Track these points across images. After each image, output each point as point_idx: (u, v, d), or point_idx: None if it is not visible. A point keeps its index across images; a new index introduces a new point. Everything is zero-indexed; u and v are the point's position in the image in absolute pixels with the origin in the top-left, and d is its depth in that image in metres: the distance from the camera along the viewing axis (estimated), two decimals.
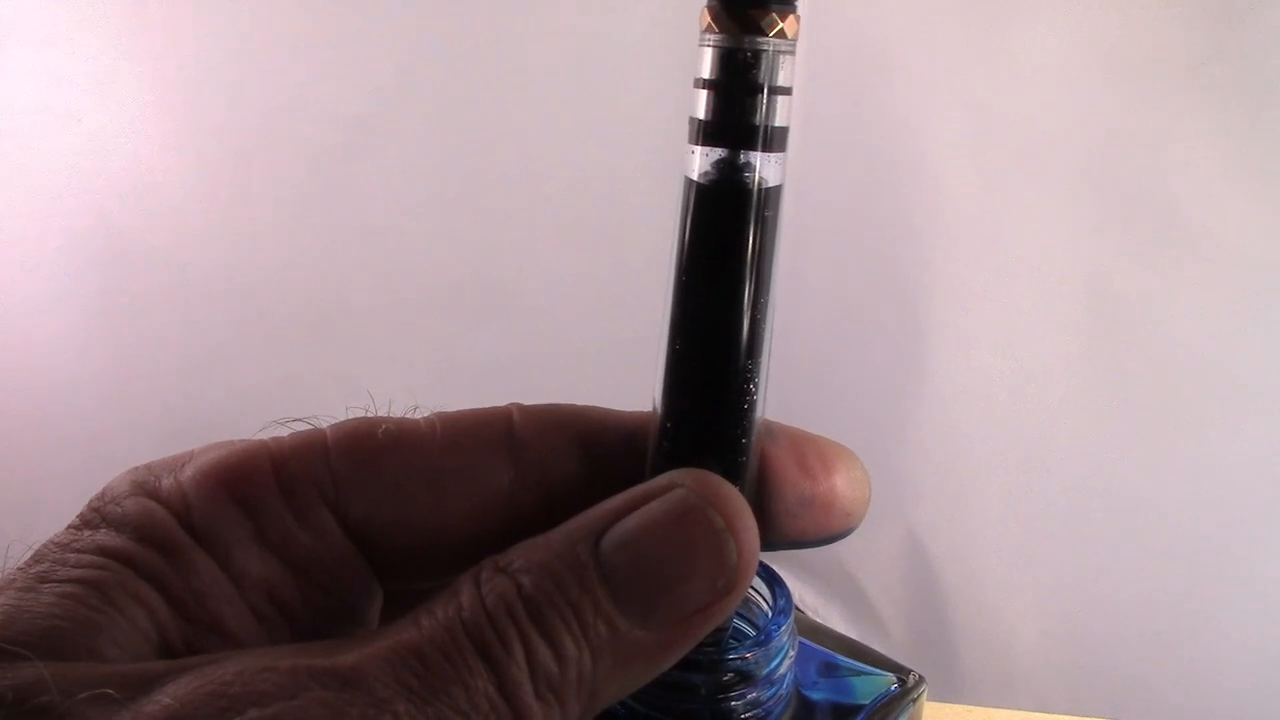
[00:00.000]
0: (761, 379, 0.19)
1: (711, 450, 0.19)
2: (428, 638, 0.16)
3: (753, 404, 0.19)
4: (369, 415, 0.20)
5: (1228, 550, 0.73)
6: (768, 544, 0.20)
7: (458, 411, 0.20)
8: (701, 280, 0.18)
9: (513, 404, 0.21)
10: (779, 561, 0.22)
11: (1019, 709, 0.44)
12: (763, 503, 0.20)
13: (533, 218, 1.05)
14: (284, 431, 0.20)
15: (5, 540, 0.19)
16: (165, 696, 0.15)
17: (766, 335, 0.18)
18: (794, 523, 0.20)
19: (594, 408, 0.21)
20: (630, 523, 0.17)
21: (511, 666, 0.16)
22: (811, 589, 1.15)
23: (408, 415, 0.21)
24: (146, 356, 0.93)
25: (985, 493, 0.92)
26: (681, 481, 0.18)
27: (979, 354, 0.89)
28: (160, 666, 0.16)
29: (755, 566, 0.18)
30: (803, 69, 1.00)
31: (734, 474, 0.19)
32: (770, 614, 0.22)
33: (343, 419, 0.20)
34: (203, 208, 0.90)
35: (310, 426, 0.20)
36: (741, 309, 0.18)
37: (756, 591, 0.23)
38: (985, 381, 0.89)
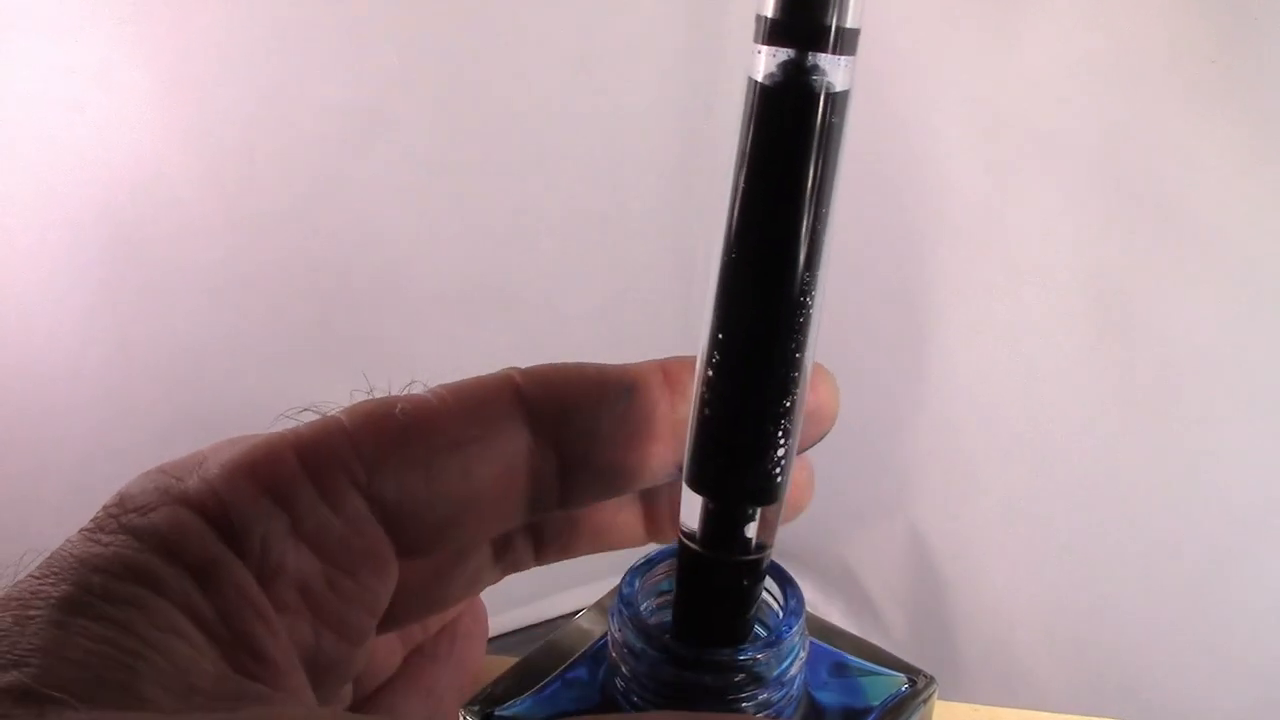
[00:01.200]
0: (819, 294, 0.18)
1: (765, 365, 0.18)
2: None
3: (809, 319, 0.18)
4: (377, 397, 0.20)
5: (1231, 548, 0.73)
6: None
7: (460, 382, 0.20)
8: (762, 186, 0.17)
9: (511, 368, 0.20)
10: (778, 555, 0.22)
11: (1020, 707, 0.44)
12: None
13: (538, 211, 1.05)
14: (292, 424, 0.19)
15: (7, 539, 0.19)
16: None
17: (826, 248, 0.18)
18: None
19: (589, 364, 0.21)
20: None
21: None
22: (813, 585, 1.15)
23: (410, 390, 0.20)
24: (149, 348, 0.93)
25: (988, 490, 0.92)
26: None
27: (983, 351, 0.89)
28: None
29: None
30: None
31: (787, 389, 0.18)
32: (782, 614, 0.22)
33: (348, 404, 0.20)
34: (206, 199, 0.90)
35: (319, 415, 0.20)
36: (802, 217, 0.17)
37: (768, 592, 0.23)
38: (989, 378, 0.89)
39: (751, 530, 0.19)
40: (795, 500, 0.20)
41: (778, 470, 0.19)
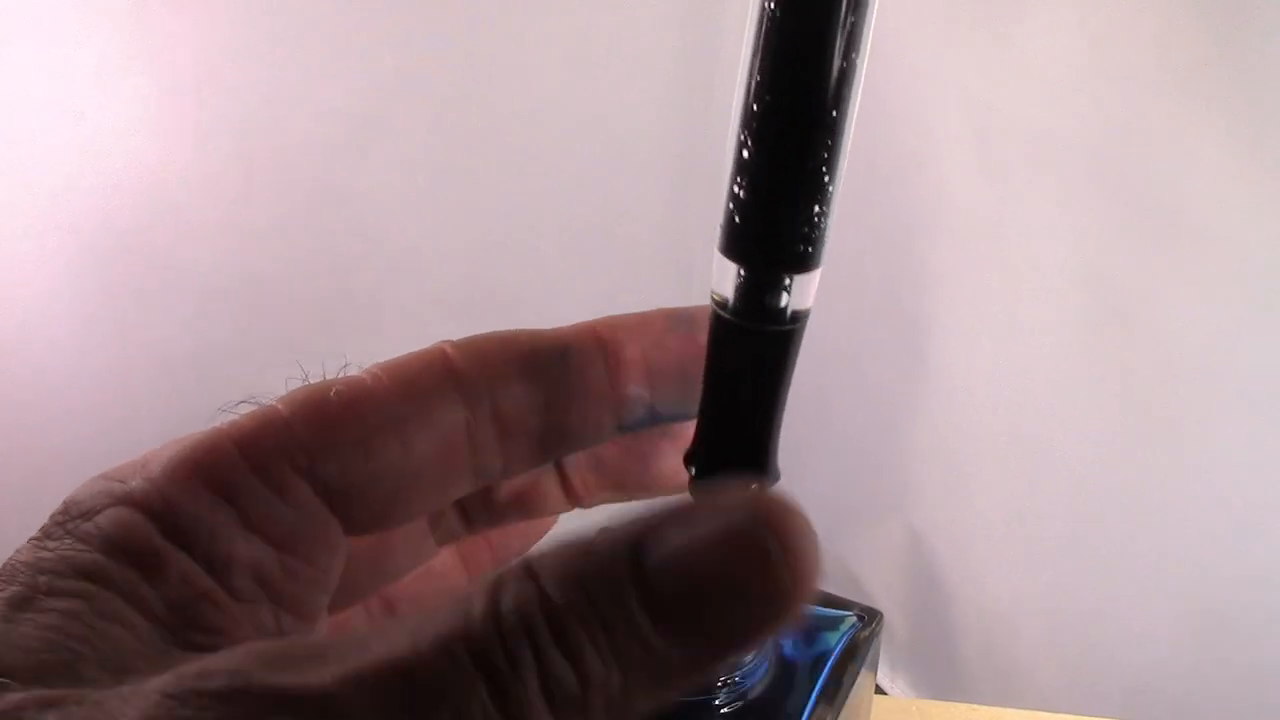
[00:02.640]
0: (861, 60, 0.18)
1: (802, 127, 0.18)
2: (422, 657, 0.15)
3: (851, 83, 0.18)
4: (311, 382, 0.20)
5: (1231, 548, 0.73)
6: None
7: (394, 360, 0.20)
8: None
9: (444, 341, 0.20)
10: None
11: (1020, 707, 0.44)
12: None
13: (536, 214, 1.05)
14: (232, 416, 0.20)
15: (6, 544, 0.19)
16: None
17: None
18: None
19: (522, 331, 0.21)
20: (677, 537, 0.16)
21: (522, 690, 0.15)
22: None
23: (344, 373, 0.21)
24: (148, 352, 0.93)
25: (987, 490, 0.92)
26: (743, 502, 0.16)
27: (981, 351, 0.89)
28: (134, 690, 0.15)
29: (812, 591, 0.16)
30: None
31: (821, 152, 0.18)
32: None
33: (283, 393, 0.20)
34: (205, 205, 0.90)
35: (257, 405, 0.20)
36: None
37: None
38: (988, 379, 0.89)
39: (784, 300, 0.19)
40: None
41: (814, 235, 0.18)
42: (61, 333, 0.90)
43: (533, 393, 0.20)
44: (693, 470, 0.21)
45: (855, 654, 0.25)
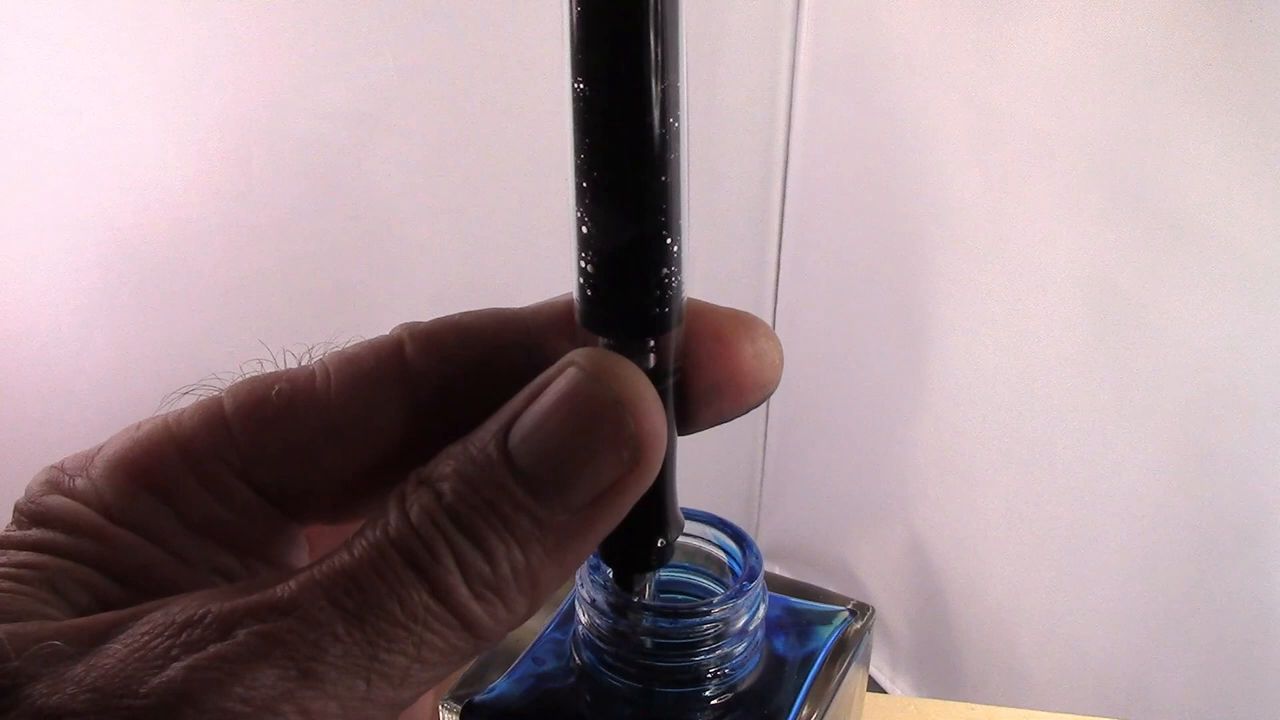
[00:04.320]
0: (682, 114, 0.18)
1: (634, 193, 0.18)
2: (359, 559, 0.17)
3: (671, 142, 0.18)
4: (261, 374, 0.20)
5: (1232, 549, 0.72)
6: (692, 428, 0.20)
7: (349, 349, 0.20)
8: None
9: (404, 328, 0.21)
10: (782, 561, 0.23)
11: (1021, 707, 0.44)
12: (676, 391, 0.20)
13: (537, 212, 1.05)
14: (186, 400, 0.20)
15: None
16: (117, 645, 0.16)
17: (680, 65, 0.18)
18: (709, 410, 0.20)
19: (491, 316, 0.21)
20: (529, 413, 0.18)
21: (443, 573, 0.17)
22: None
23: (301, 362, 0.21)
24: (146, 351, 0.93)
25: (989, 492, 0.92)
26: (573, 361, 0.18)
27: (983, 353, 0.89)
28: (109, 618, 0.16)
29: (662, 434, 0.18)
30: (806, 68, 1.00)
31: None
32: (741, 569, 0.23)
33: (238, 379, 0.20)
34: (204, 203, 0.90)
35: (208, 391, 0.20)
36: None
37: (727, 551, 0.24)
38: (989, 380, 0.89)
39: (651, 361, 0.19)
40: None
41: (666, 296, 0.19)
42: (60, 330, 0.90)
43: (488, 396, 0.19)
44: None
45: (846, 647, 0.25)
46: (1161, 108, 0.69)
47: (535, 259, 1.07)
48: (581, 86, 0.17)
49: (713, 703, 0.23)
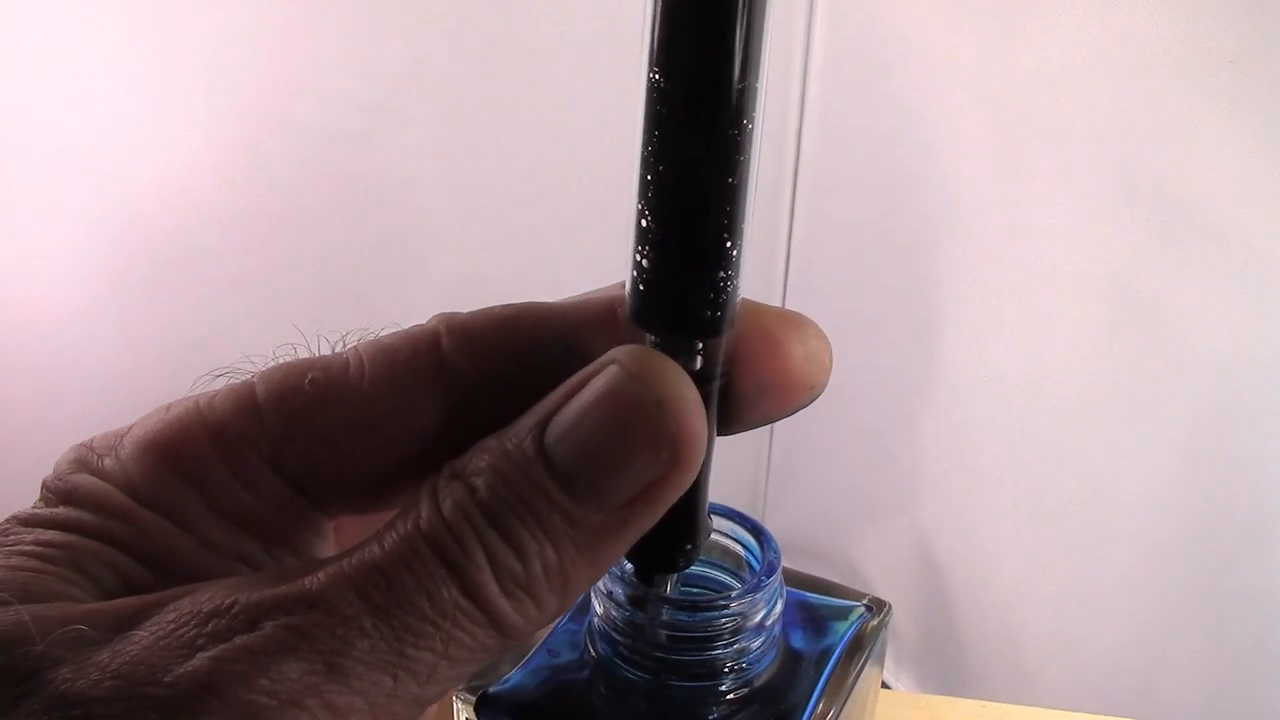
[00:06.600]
0: (757, 120, 0.17)
1: (700, 194, 0.17)
2: (389, 553, 0.16)
3: (746, 145, 0.17)
4: (296, 359, 0.20)
5: (1243, 549, 0.72)
6: (736, 428, 0.20)
7: (384, 339, 0.20)
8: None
9: (440, 320, 0.20)
10: (787, 556, 0.23)
11: (1029, 705, 0.44)
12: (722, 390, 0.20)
13: (547, 208, 1.05)
14: (219, 383, 0.20)
15: None
16: (143, 632, 0.15)
17: (762, 64, 0.17)
18: (755, 410, 0.20)
19: (531, 310, 0.21)
20: (567, 410, 0.17)
21: (474, 570, 0.16)
22: None
23: (335, 349, 0.20)
24: (157, 340, 0.93)
25: (997, 490, 0.91)
26: (614, 358, 0.18)
27: (993, 350, 0.88)
28: (135, 603, 0.16)
29: (702, 437, 0.18)
30: (819, 61, 1.00)
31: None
32: (759, 564, 0.23)
33: (272, 364, 0.20)
34: (214, 193, 0.90)
35: (240, 375, 0.20)
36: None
37: (744, 546, 0.24)
38: (999, 378, 0.88)
39: (697, 363, 0.19)
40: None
41: (720, 300, 0.18)
42: (69, 321, 0.90)
43: (524, 391, 0.19)
44: None
45: (862, 644, 0.25)
46: (1180, 103, 0.68)
47: (550, 248, 1.07)
48: (658, 78, 0.17)
49: (728, 697, 0.23)
